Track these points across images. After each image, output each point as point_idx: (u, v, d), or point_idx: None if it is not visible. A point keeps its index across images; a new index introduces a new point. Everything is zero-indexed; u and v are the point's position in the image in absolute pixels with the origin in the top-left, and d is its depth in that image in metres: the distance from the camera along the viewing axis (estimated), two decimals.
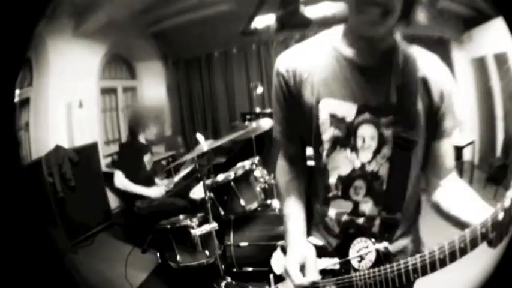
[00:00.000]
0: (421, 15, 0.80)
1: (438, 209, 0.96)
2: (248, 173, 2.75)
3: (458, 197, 0.92)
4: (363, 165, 0.90)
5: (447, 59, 4.74)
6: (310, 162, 1.07)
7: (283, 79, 0.94)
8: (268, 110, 4.88)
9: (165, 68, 5.51)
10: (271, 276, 1.15)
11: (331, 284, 0.96)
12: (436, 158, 0.95)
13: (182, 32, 4.80)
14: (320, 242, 1.03)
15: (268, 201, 2.90)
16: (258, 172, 2.84)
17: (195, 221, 2.52)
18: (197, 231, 2.40)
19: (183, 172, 3.06)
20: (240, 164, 2.93)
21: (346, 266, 0.95)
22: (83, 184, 3.78)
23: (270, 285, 1.15)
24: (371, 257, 0.91)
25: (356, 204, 0.94)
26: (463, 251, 0.74)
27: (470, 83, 4.53)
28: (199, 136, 2.48)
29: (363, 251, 0.92)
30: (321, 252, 1.00)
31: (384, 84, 0.87)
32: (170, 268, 2.56)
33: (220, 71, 5.53)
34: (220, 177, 2.83)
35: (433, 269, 0.78)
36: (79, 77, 4.19)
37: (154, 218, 2.70)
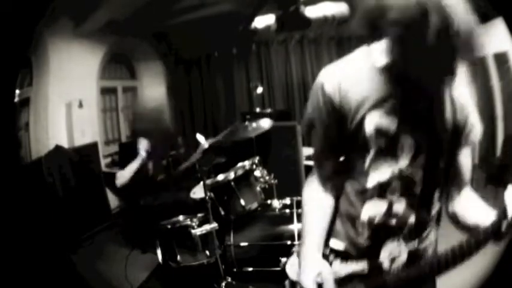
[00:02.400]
0: None
1: (454, 218, 1.07)
2: (248, 173, 2.75)
3: (473, 207, 1.04)
4: (400, 170, 0.99)
5: None
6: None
7: (329, 95, 1.00)
8: (268, 110, 4.88)
9: (165, 68, 5.50)
10: (287, 282, 1.21)
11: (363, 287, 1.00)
12: (457, 171, 1.06)
13: (182, 32, 4.80)
14: (342, 246, 1.08)
15: (269, 201, 2.90)
16: (258, 172, 2.83)
17: (195, 221, 2.51)
18: (197, 231, 2.40)
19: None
20: (240, 164, 2.93)
21: (376, 269, 1.01)
22: (83, 184, 3.78)
23: None
24: (403, 258, 1.00)
25: (390, 204, 1.01)
26: (480, 245, 0.87)
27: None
28: (199, 136, 2.48)
29: (395, 252, 1.00)
30: (347, 256, 1.05)
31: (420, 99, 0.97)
32: (170, 268, 2.56)
33: (220, 71, 5.53)
34: (221, 177, 2.83)
35: (460, 261, 0.88)
36: (79, 76, 4.19)
37: (157, 215, 2.70)
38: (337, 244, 1.08)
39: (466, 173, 1.07)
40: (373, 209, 1.02)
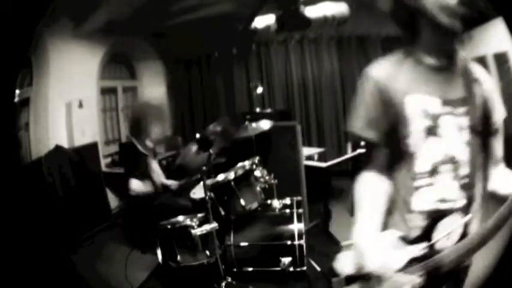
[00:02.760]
0: None
1: (495, 196, 1.13)
2: (248, 173, 2.75)
3: (508, 179, 1.12)
4: (447, 151, 1.07)
5: None
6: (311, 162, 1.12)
7: (379, 85, 1.12)
8: (268, 110, 4.88)
9: (165, 68, 5.51)
10: (336, 280, 1.15)
11: (419, 270, 1.02)
12: (492, 151, 1.14)
13: (182, 32, 4.80)
14: (400, 233, 1.10)
15: (269, 201, 2.90)
16: (258, 172, 2.83)
17: (196, 221, 2.51)
18: (197, 231, 2.40)
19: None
20: (240, 164, 2.93)
21: (431, 250, 1.04)
22: (83, 184, 3.78)
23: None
24: (457, 233, 1.05)
25: (441, 189, 1.08)
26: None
27: None
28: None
29: (450, 229, 1.04)
30: (405, 241, 1.08)
31: (456, 81, 1.10)
32: (170, 268, 2.56)
33: (220, 71, 5.53)
34: (221, 177, 2.83)
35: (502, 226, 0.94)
36: (79, 77, 4.19)
37: (157, 217, 2.70)
38: (394, 233, 1.10)
39: (500, 152, 1.15)
40: (425, 197, 1.09)
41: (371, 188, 1.15)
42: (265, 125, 2.98)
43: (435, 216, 1.07)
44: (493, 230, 0.96)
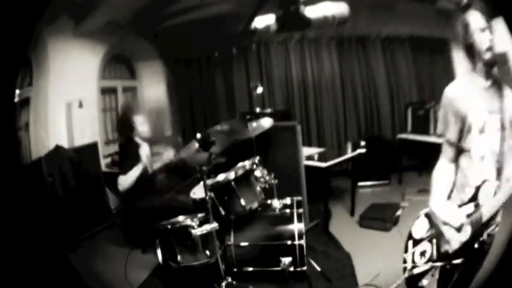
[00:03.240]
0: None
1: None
2: (249, 173, 2.75)
3: None
4: (491, 147, 1.61)
5: (447, 59, 4.74)
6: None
7: (451, 102, 1.68)
8: (268, 110, 4.88)
9: (165, 68, 5.50)
10: (410, 242, 1.82)
11: (468, 223, 1.62)
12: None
13: (182, 32, 4.80)
14: (457, 202, 1.71)
15: (269, 201, 2.90)
16: (259, 172, 2.83)
17: (196, 221, 2.51)
18: (197, 231, 2.39)
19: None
20: (240, 164, 2.93)
21: (478, 205, 1.63)
22: (83, 184, 3.78)
23: (406, 251, 1.82)
24: (492, 194, 1.61)
25: (486, 169, 1.63)
26: None
27: None
28: (200, 136, 2.47)
29: (489, 191, 1.62)
30: (460, 205, 1.69)
31: (495, 97, 1.63)
32: (170, 268, 2.56)
33: (220, 71, 5.53)
34: (221, 177, 2.83)
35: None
36: (79, 77, 4.19)
37: (157, 217, 2.69)
38: (455, 200, 1.72)
39: None
40: (477, 178, 1.64)
41: (443, 172, 1.76)
42: (266, 122, 2.96)
43: (480, 185, 1.63)
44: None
